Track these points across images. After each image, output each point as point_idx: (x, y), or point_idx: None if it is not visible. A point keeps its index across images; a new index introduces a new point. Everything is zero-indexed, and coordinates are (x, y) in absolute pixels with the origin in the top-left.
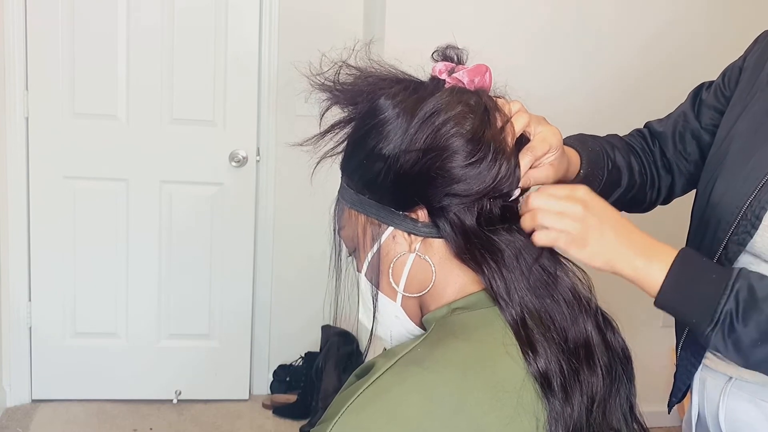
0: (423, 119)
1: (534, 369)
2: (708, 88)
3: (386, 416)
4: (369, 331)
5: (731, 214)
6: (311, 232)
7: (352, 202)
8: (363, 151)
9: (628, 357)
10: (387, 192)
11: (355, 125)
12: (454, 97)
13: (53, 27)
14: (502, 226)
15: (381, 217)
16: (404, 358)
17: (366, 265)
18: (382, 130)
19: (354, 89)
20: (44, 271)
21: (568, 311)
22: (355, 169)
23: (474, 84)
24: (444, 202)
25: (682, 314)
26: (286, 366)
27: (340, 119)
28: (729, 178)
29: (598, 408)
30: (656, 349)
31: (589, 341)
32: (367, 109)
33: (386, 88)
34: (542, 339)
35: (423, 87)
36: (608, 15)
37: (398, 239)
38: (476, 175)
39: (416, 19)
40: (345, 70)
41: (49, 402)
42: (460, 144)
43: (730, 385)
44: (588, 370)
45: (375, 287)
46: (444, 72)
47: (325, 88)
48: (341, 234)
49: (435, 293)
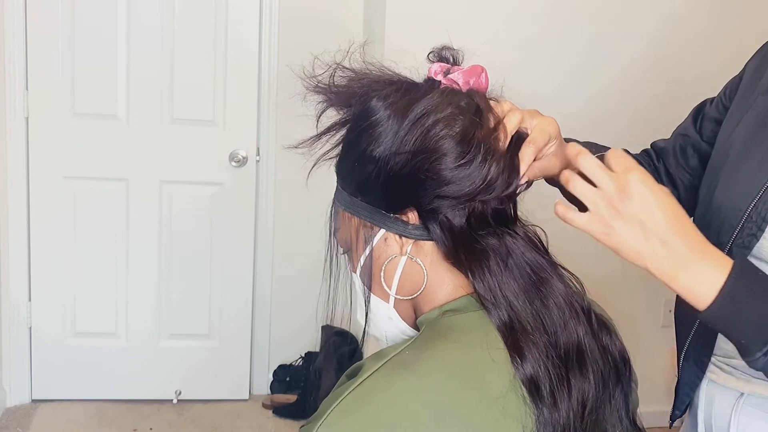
0: (413, 121)
1: (521, 374)
2: (711, 103)
3: (372, 418)
4: (363, 331)
5: (735, 217)
6: (311, 232)
7: (345, 204)
8: (355, 153)
9: (626, 360)
10: (378, 194)
11: (349, 127)
12: (444, 99)
13: (53, 27)
14: (493, 228)
15: (373, 220)
16: (392, 360)
17: (359, 266)
18: (373, 132)
19: (348, 91)
20: (44, 271)
21: (559, 316)
22: (349, 171)
23: (469, 85)
24: (434, 204)
25: (730, 332)
26: (286, 366)
27: (335, 121)
28: (730, 181)
29: (590, 414)
30: (656, 349)
31: (581, 346)
32: (360, 111)
33: (379, 89)
34: (530, 343)
35: (416, 88)
36: (605, 14)
37: (390, 242)
38: (466, 177)
39: (416, 19)
40: (339, 72)
41: (49, 402)
42: (450, 146)
43: (741, 401)
44: (579, 375)
45: (367, 289)
46: (439, 73)
47: (319, 90)
48: (336, 236)
49: (427, 295)
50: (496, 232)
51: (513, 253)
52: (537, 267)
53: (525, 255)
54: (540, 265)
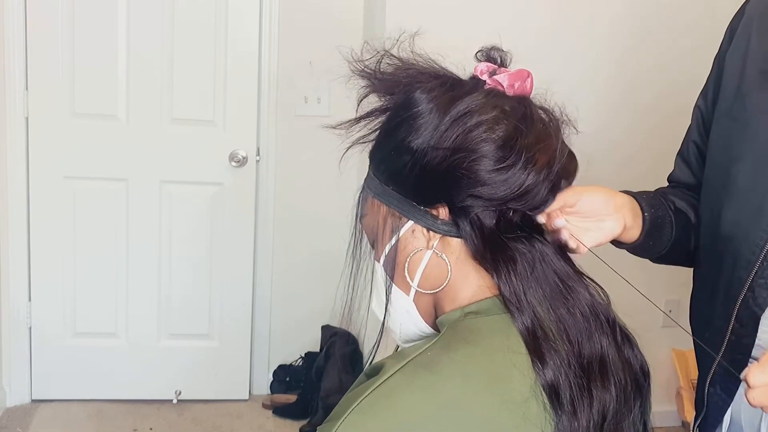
0: (455, 118)
1: (542, 380)
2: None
3: (393, 419)
4: (380, 322)
5: (752, 253)
6: (311, 232)
7: (376, 191)
8: (392, 142)
9: (647, 373)
10: (411, 186)
11: (389, 115)
12: (489, 100)
13: (53, 27)
14: (523, 233)
15: (402, 210)
16: (414, 360)
17: (384, 256)
18: (413, 123)
19: (393, 79)
20: (44, 271)
21: (584, 325)
22: (383, 159)
23: (514, 89)
24: (467, 203)
25: None
26: (286, 366)
27: (375, 107)
28: (739, 208)
29: (609, 425)
30: (656, 349)
31: (604, 357)
32: (402, 101)
33: (424, 81)
34: (552, 350)
35: (461, 85)
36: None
37: (417, 234)
38: (503, 181)
39: (417, 19)
40: (387, 60)
41: (49, 402)
42: (490, 149)
43: None
44: (601, 387)
45: (390, 279)
46: (485, 73)
47: (365, 75)
48: (363, 222)
49: (449, 293)
50: (525, 238)
51: (540, 260)
52: (564, 275)
53: (553, 262)
54: (567, 273)
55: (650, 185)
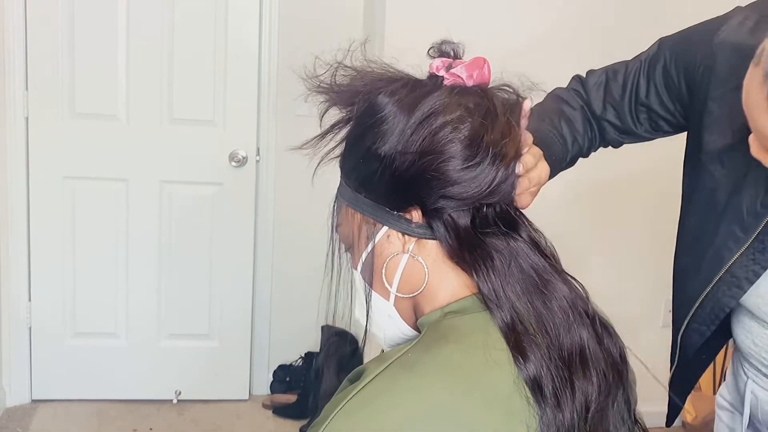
0: (420, 120)
1: (524, 374)
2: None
3: (376, 421)
4: (364, 329)
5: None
6: (311, 232)
7: (348, 199)
8: (360, 150)
9: (625, 359)
10: (382, 191)
11: (354, 124)
12: (453, 99)
13: (53, 27)
14: (497, 229)
15: (376, 216)
16: (395, 362)
17: (361, 263)
18: (378, 130)
19: (350, 89)
20: (44, 271)
21: (563, 318)
22: (353, 167)
23: (473, 78)
24: (439, 204)
25: None
26: (286, 366)
27: (338, 120)
28: (733, 234)
29: (594, 415)
30: (656, 349)
31: (584, 348)
32: (365, 108)
33: (383, 86)
34: (533, 344)
35: (421, 85)
36: (611, 9)
37: (392, 239)
38: (473, 179)
39: (417, 19)
40: (341, 71)
41: (49, 402)
42: (457, 149)
43: None
44: (583, 377)
45: (368, 286)
46: (441, 68)
47: (321, 90)
48: (338, 231)
49: (428, 295)
50: (500, 234)
51: (516, 255)
52: (540, 269)
53: (529, 257)
54: (543, 267)
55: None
